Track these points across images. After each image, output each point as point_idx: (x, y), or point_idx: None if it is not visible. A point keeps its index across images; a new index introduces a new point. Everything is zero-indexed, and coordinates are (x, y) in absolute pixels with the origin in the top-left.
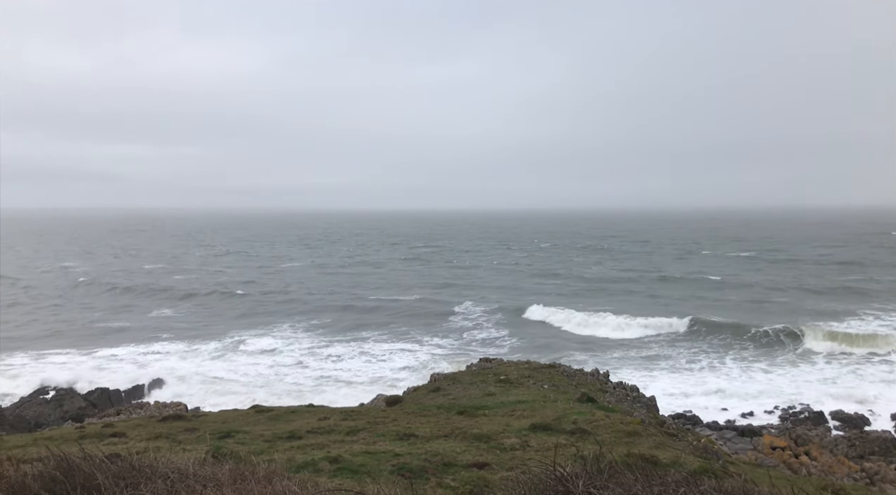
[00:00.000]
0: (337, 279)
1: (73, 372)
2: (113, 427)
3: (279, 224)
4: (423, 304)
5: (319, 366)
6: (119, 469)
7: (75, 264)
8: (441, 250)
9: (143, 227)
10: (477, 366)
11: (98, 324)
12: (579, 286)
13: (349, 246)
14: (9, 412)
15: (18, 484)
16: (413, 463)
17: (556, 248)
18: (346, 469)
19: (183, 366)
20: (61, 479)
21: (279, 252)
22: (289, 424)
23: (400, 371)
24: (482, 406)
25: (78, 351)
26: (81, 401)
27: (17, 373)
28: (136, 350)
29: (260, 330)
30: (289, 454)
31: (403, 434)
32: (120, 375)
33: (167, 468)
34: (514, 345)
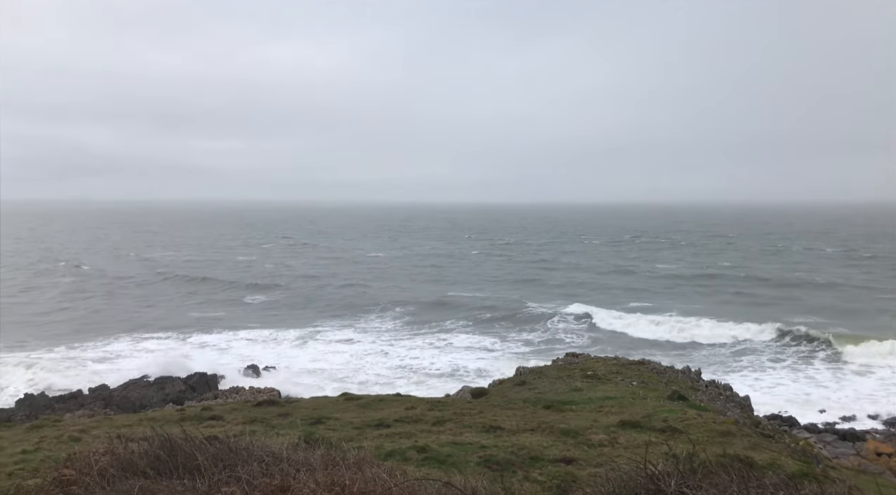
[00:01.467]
0: (418, 271)
1: (171, 356)
2: (211, 410)
3: (364, 216)
4: (503, 299)
5: (400, 357)
6: (217, 450)
7: (171, 254)
8: (521, 244)
9: (234, 219)
10: (563, 361)
11: (192, 312)
12: (658, 283)
13: (432, 238)
14: (116, 393)
15: (127, 461)
16: (499, 455)
17: (635, 242)
18: (434, 459)
19: (272, 353)
20: (165, 458)
21: (363, 244)
22: (377, 412)
23: (479, 364)
24: (569, 401)
25: (175, 336)
26: (181, 385)
27: (121, 357)
28: (230, 337)
29: (342, 320)
30: (377, 442)
31: (489, 426)
32: (216, 361)
33: (262, 451)
34: (594, 342)
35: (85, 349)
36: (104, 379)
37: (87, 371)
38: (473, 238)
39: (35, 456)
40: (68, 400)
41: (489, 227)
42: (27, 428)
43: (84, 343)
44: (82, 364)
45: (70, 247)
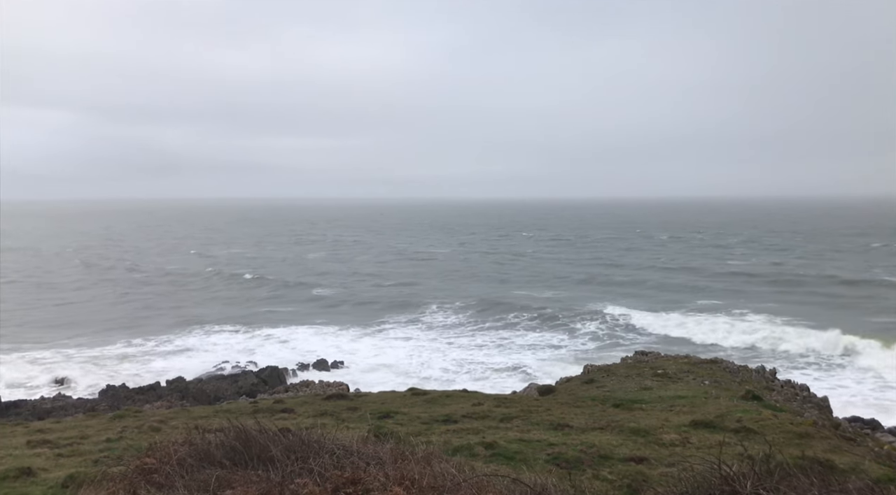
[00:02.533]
0: (478, 268)
1: (244, 350)
2: (283, 403)
3: (425, 212)
4: (566, 297)
5: (464, 353)
6: (290, 442)
7: (239, 250)
8: (582, 240)
9: (300, 216)
10: (632, 359)
11: (260, 308)
12: (727, 282)
13: (491, 235)
14: (192, 385)
15: (204, 451)
16: (568, 453)
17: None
18: (501, 455)
19: (339, 348)
20: (240, 449)
21: (424, 241)
22: (444, 408)
23: (544, 361)
24: (639, 399)
25: (243, 331)
26: (254, 378)
27: (192, 350)
28: (296, 332)
29: (406, 316)
30: (445, 437)
31: (557, 424)
32: (285, 355)
33: (333, 444)
34: (661, 341)
35: (159, 343)
36: (178, 372)
37: (161, 363)
38: (532, 234)
39: (118, 445)
40: (147, 392)
41: (548, 223)
42: (110, 417)
43: (157, 336)
44: (158, 356)
45: (142, 245)
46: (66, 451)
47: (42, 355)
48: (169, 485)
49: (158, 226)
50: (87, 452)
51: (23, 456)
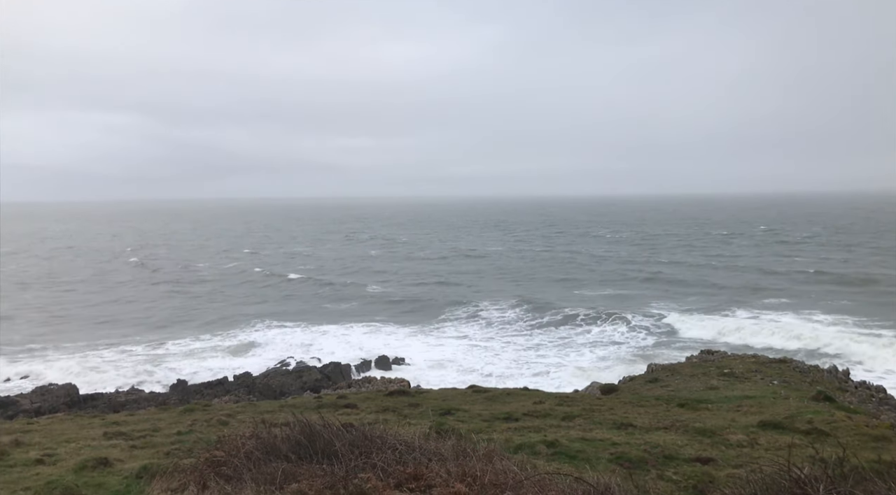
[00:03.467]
0: (539, 266)
1: (306, 346)
2: (346, 398)
3: (487, 210)
4: (629, 297)
5: (524, 351)
6: (354, 437)
7: (303, 248)
8: (649, 238)
9: (364, 214)
10: (698, 358)
11: (323, 305)
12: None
13: (552, 232)
14: (258, 380)
15: (270, 445)
16: (632, 453)
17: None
18: (563, 454)
19: (399, 345)
20: (305, 443)
21: (484, 239)
22: (505, 406)
23: (604, 360)
24: (704, 399)
25: (306, 328)
26: (317, 374)
27: (256, 346)
28: (358, 329)
29: (465, 313)
30: (506, 435)
31: (621, 423)
32: (347, 351)
33: (395, 440)
34: (724, 340)
35: (224, 338)
36: (244, 367)
37: (226, 359)
38: (588, 231)
39: (189, 438)
40: (215, 387)
41: (604, 220)
42: (181, 411)
43: (222, 332)
44: (223, 352)
45: (201, 243)
46: (139, 443)
47: (115, 351)
48: (237, 478)
49: (215, 225)
50: (159, 444)
51: (100, 446)
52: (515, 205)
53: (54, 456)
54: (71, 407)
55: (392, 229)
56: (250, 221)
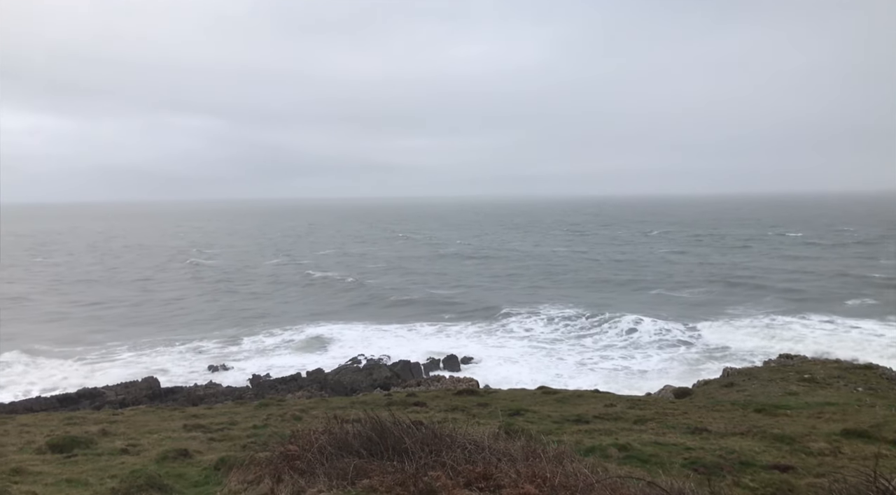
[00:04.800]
0: (605, 267)
1: (374, 344)
2: (415, 396)
3: (560, 210)
4: (699, 300)
5: (591, 352)
6: (423, 435)
7: (369, 248)
8: (722, 238)
9: (428, 215)
10: (776, 363)
11: (386, 304)
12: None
13: (621, 233)
14: (330, 377)
15: (342, 440)
16: (707, 458)
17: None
18: (635, 457)
19: (466, 344)
20: (376, 440)
21: (552, 238)
22: (575, 408)
23: (674, 362)
24: (783, 405)
25: (376, 326)
26: (387, 371)
27: (329, 344)
28: (425, 328)
29: (530, 314)
30: (576, 437)
31: (695, 428)
32: (415, 350)
33: (465, 439)
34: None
35: (292, 334)
36: (316, 364)
37: (299, 356)
38: (664, 231)
39: (264, 432)
40: (289, 382)
41: (680, 221)
42: (256, 405)
43: (292, 329)
44: (294, 349)
45: (277, 243)
46: (217, 436)
47: (190, 346)
48: (310, 472)
49: (282, 224)
50: (235, 437)
51: (180, 438)
52: (584, 204)
53: (138, 447)
54: (153, 400)
55: (456, 230)
56: (316, 221)
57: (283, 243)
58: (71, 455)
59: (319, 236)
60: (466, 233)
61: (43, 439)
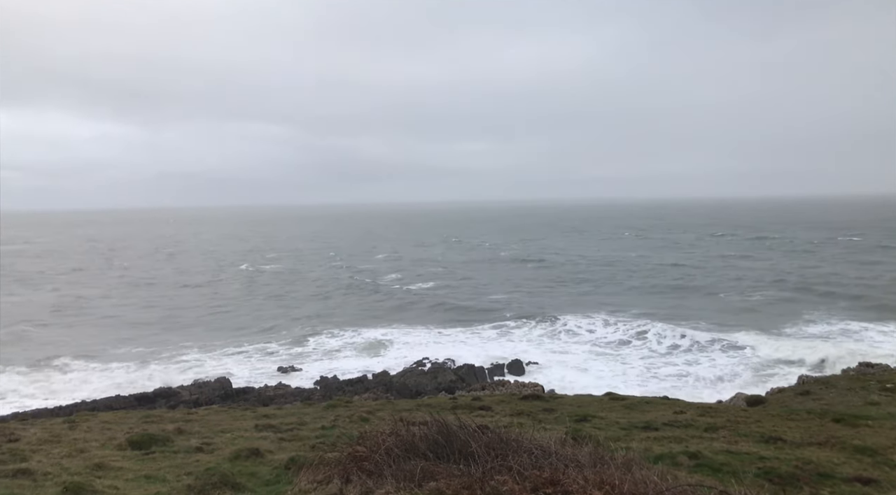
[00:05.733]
0: (665, 271)
1: (435, 348)
2: (480, 401)
3: (616, 213)
4: (770, 305)
5: (657, 357)
6: (489, 439)
7: (432, 253)
8: (791, 241)
9: (486, 218)
10: (855, 371)
11: (451, 306)
12: None
13: (675, 238)
14: (395, 379)
15: (409, 443)
16: (781, 468)
17: None
18: (706, 466)
19: (528, 349)
20: (442, 443)
21: (615, 242)
22: (643, 414)
23: (749, 370)
24: (864, 415)
25: (438, 329)
26: (452, 375)
27: (392, 346)
28: (487, 331)
29: (594, 319)
30: (645, 444)
31: (769, 437)
32: (478, 354)
33: (531, 444)
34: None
35: (353, 336)
36: (380, 366)
37: (364, 358)
38: (729, 233)
39: (332, 432)
40: (355, 384)
41: (746, 223)
42: (324, 406)
43: (357, 331)
44: (359, 350)
45: (338, 247)
46: (287, 436)
47: (258, 348)
48: (378, 473)
49: (348, 228)
50: (305, 437)
51: (252, 437)
52: (638, 207)
53: (212, 445)
54: (225, 400)
55: (511, 233)
56: (376, 225)
57: (343, 247)
58: (149, 452)
59: (378, 240)
60: (522, 236)
61: (123, 436)
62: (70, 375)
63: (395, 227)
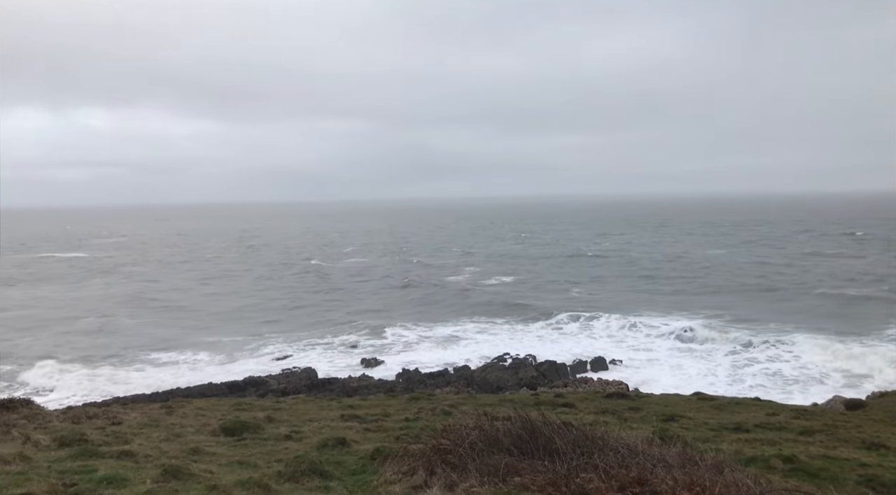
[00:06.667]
0: (754, 267)
1: (515, 343)
2: (563, 397)
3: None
4: (867, 299)
5: (745, 357)
6: (574, 437)
7: (512, 247)
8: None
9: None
10: None
11: (530, 298)
12: None
13: (765, 234)
14: (476, 374)
15: (492, 437)
16: (885, 476)
17: None
18: (802, 471)
19: (608, 346)
20: (526, 439)
21: (703, 239)
22: (734, 415)
23: (844, 373)
24: None
25: (520, 325)
26: (533, 371)
27: (468, 341)
28: (570, 326)
29: (682, 318)
30: (736, 446)
31: (870, 443)
32: (560, 350)
33: (617, 442)
34: None
35: (430, 330)
36: (459, 360)
37: (442, 351)
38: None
39: (415, 425)
40: (437, 377)
41: (842, 220)
42: (407, 399)
43: (437, 325)
44: (437, 344)
45: (412, 241)
46: (372, 426)
47: (340, 340)
48: (462, 467)
49: (427, 223)
50: (389, 429)
51: (338, 427)
52: (728, 202)
53: (300, 434)
54: (311, 390)
55: (592, 228)
56: (454, 221)
57: (421, 242)
58: (241, 438)
59: (456, 235)
60: (604, 230)
61: (216, 422)
62: (162, 363)
63: (476, 222)
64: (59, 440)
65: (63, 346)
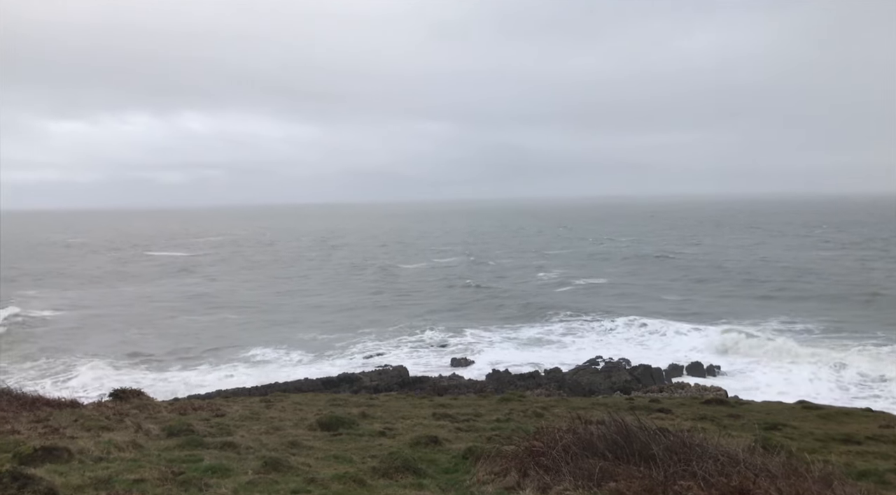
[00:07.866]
0: (857, 272)
1: (603, 346)
2: (658, 403)
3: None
4: None
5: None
6: (671, 443)
7: (601, 248)
8: None
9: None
10: None
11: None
12: None
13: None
14: (568, 377)
15: (586, 441)
16: None
17: None
18: None
19: (705, 352)
20: (621, 443)
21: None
22: (842, 426)
23: None
24: None
25: (610, 328)
26: (627, 375)
27: (558, 343)
28: (670, 330)
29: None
30: (845, 458)
31: None
32: (655, 354)
33: (716, 450)
34: None
35: (511, 332)
36: (552, 362)
37: (530, 353)
38: None
39: (507, 426)
40: (527, 379)
41: None
42: (498, 399)
43: (521, 325)
44: (526, 345)
45: (505, 240)
46: (463, 426)
47: (425, 337)
48: (555, 470)
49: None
50: (480, 429)
51: (430, 426)
52: (819, 202)
53: (393, 430)
54: (402, 387)
55: (681, 230)
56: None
57: (512, 244)
58: (337, 433)
59: (541, 235)
60: (696, 232)
61: (313, 417)
62: (257, 361)
63: (561, 221)
64: (167, 430)
65: (160, 341)
